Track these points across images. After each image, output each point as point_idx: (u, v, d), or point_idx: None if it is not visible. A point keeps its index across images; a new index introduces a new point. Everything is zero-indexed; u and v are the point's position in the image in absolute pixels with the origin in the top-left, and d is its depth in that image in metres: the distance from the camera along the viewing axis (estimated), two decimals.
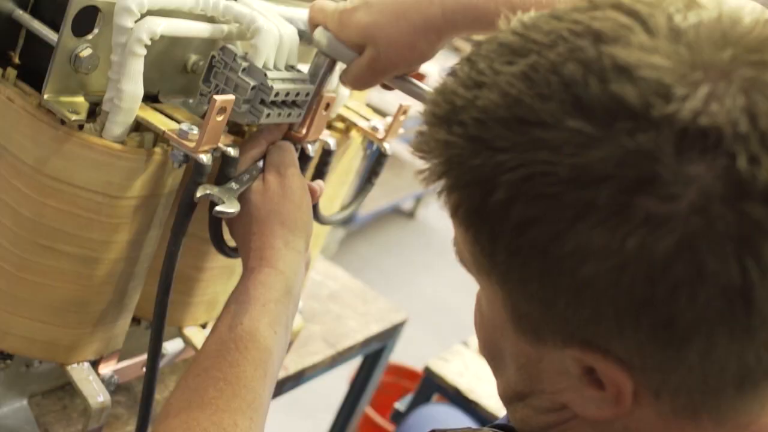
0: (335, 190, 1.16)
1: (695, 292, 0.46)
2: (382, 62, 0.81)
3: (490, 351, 0.62)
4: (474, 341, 1.55)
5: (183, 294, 0.98)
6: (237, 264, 0.99)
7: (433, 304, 3.79)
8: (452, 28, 0.78)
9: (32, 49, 0.80)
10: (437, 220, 4.79)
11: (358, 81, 0.86)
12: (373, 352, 1.55)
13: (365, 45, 0.83)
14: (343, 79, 0.88)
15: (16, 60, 0.81)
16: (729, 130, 0.44)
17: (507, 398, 0.63)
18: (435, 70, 3.24)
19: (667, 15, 0.49)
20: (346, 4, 0.84)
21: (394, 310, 1.56)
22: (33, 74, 0.78)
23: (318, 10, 0.87)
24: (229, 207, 0.80)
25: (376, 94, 1.23)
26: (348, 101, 1.11)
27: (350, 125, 1.10)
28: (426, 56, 0.81)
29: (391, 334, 1.54)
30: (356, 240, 4.12)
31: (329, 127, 1.08)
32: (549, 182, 0.47)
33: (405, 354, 2.51)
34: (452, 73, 0.54)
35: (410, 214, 4.80)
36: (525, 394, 0.60)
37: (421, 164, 0.56)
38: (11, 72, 0.79)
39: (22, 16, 0.78)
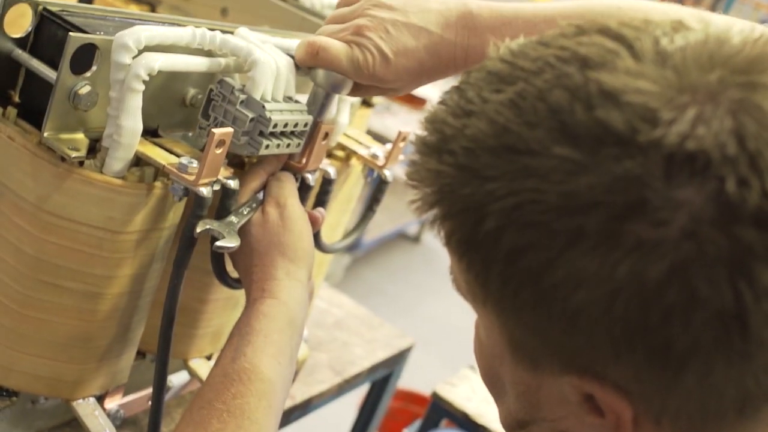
0: (337, 218, 1.16)
1: (689, 317, 0.46)
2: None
3: (490, 379, 0.62)
4: None
5: (187, 326, 0.98)
6: (241, 295, 0.99)
7: (440, 328, 3.77)
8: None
9: (32, 87, 0.81)
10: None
11: (353, 95, 0.90)
12: (381, 379, 1.54)
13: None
14: (355, 95, 0.90)
15: (16, 99, 0.82)
16: (717, 153, 0.44)
17: (509, 426, 0.63)
18: (436, 94, 3.26)
19: (653, 38, 0.49)
20: (362, 56, 0.83)
21: (400, 336, 1.56)
22: (33, 112, 0.79)
23: (324, 56, 0.84)
24: (229, 241, 0.80)
25: (377, 120, 1.24)
26: (348, 129, 1.11)
27: (350, 153, 1.11)
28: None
29: (397, 360, 1.53)
30: (362, 266, 4.12)
31: (329, 155, 1.08)
32: (538, 210, 0.47)
33: (413, 379, 2.50)
34: (442, 101, 0.55)
35: (415, 239, 4.79)
36: (526, 422, 0.60)
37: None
38: (11, 111, 0.80)
39: (21, 55, 0.79)
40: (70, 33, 0.74)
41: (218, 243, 0.80)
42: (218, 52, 0.84)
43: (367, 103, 1.28)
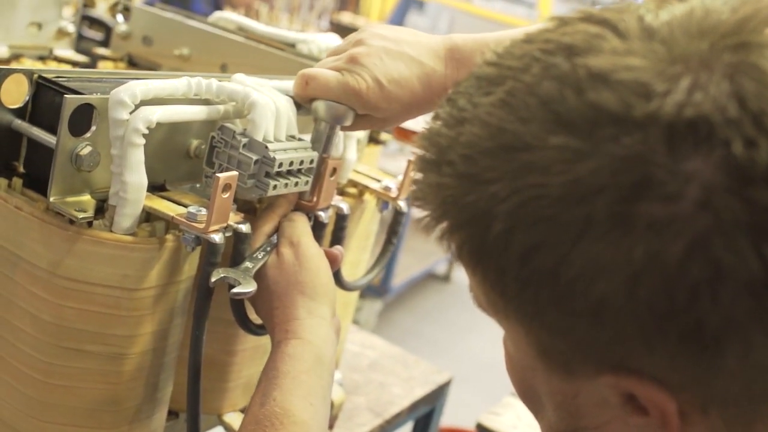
0: (357, 255, 1.15)
1: (717, 293, 0.44)
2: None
3: (526, 393, 0.60)
4: None
5: (217, 380, 0.97)
6: (268, 343, 0.97)
7: (480, 364, 3.72)
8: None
9: (35, 156, 0.81)
10: None
11: (356, 130, 0.89)
12: (423, 416, 1.51)
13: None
14: (344, 130, 0.89)
15: (21, 169, 0.82)
16: (718, 117, 0.43)
17: None
18: None
19: (637, 17, 0.48)
20: (357, 83, 0.83)
21: (437, 372, 1.53)
22: (39, 181, 0.79)
23: (321, 88, 0.85)
24: (245, 287, 0.79)
25: (391, 162, 1.24)
26: (358, 166, 1.11)
27: (362, 189, 1.10)
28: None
29: (438, 396, 1.50)
30: (394, 310, 4.09)
31: (342, 193, 1.07)
32: (543, 205, 0.46)
33: (457, 416, 2.45)
34: (435, 115, 0.54)
35: (445, 278, 4.76)
36: None
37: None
38: (17, 181, 0.80)
39: (21, 125, 0.79)
40: (65, 95, 0.74)
41: (235, 289, 0.79)
42: (216, 99, 0.84)
43: (375, 140, 1.28)
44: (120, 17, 1.45)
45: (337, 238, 0.97)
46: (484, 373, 3.60)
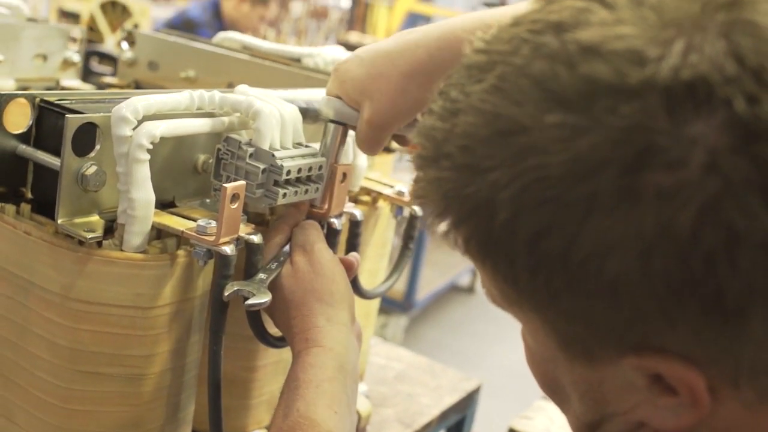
0: (375, 264, 1.13)
1: (734, 258, 0.42)
2: (378, 115, 0.80)
3: (549, 386, 0.58)
4: None
5: (240, 398, 0.95)
6: (290, 357, 0.95)
7: (511, 373, 3.68)
8: (441, 67, 0.77)
9: (42, 180, 0.80)
10: None
11: (365, 143, 0.85)
12: (454, 425, 1.49)
13: (362, 101, 0.83)
14: (358, 146, 0.87)
15: (29, 195, 0.81)
16: (716, 77, 0.42)
17: None
18: None
19: None
20: (340, 61, 0.84)
21: (466, 379, 1.51)
22: (47, 206, 0.78)
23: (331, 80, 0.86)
24: (260, 298, 0.78)
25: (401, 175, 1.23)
26: (369, 173, 1.09)
27: (376, 196, 1.08)
28: (421, 101, 0.80)
29: (468, 404, 1.48)
30: (420, 325, 4.07)
31: (355, 201, 1.06)
32: (546, 186, 0.45)
33: (491, 426, 2.42)
34: (429, 111, 0.53)
35: (469, 289, 4.73)
36: (597, 423, 0.55)
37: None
38: (25, 207, 0.79)
39: (26, 150, 0.79)
40: (67, 115, 0.73)
41: (249, 301, 0.77)
42: (220, 111, 0.83)
43: (387, 149, 1.26)
44: (125, 44, 1.46)
45: (352, 245, 0.96)
46: (515, 381, 3.56)
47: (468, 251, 0.52)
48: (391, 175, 1.26)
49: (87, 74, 1.49)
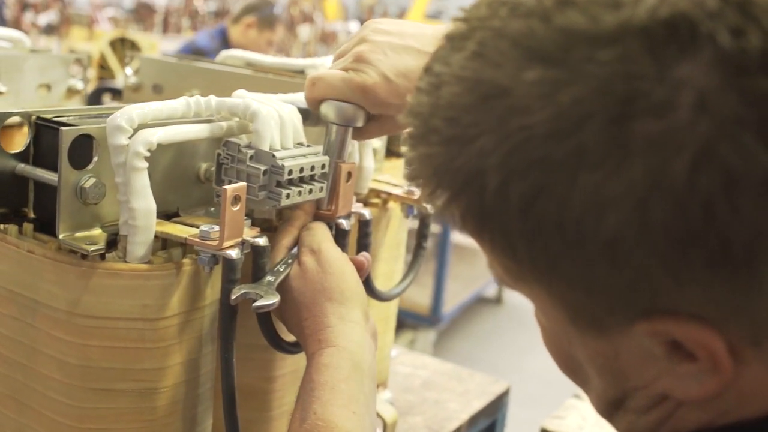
0: (390, 266, 1.11)
1: (734, 202, 0.40)
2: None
3: (568, 366, 0.56)
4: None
5: (259, 410, 0.93)
6: None
7: (543, 381, 3.63)
8: None
9: (43, 198, 0.79)
10: (526, 299, 4.67)
11: (370, 137, 0.84)
12: (485, 429, 1.46)
13: (385, 115, 0.83)
14: (356, 137, 0.86)
15: (32, 214, 0.80)
16: (698, 12, 0.40)
17: (605, 411, 0.56)
18: None
19: None
20: (363, 79, 0.81)
21: (494, 382, 1.48)
22: (50, 224, 0.77)
23: (327, 86, 0.83)
24: (268, 299, 0.76)
25: None
26: (378, 175, 1.08)
27: (386, 197, 1.07)
28: None
29: (497, 407, 1.45)
30: (449, 338, 4.03)
31: (366, 204, 1.04)
32: (532, 147, 0.44)
33: None
34: (416, 89, 0.52)
35: (497, 300, 4.69)
36: (619, 400, 0.53)
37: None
38: (27, 226, 0.78)
39: (25, 168, 0.78)
40: (62, 128, 0.72)
41: (257, 303, 0.76)
42: (217, 116, 0.82)
43: (396, 154, 1.25)
44: (129, 70, 1.46)
45: (363, 245, 0.94)
46: (548, 389, 3.51)
47: (465, 227, 0.50)
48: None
49: None
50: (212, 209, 0.86)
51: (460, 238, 4.19)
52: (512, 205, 0.45)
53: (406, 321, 3.85)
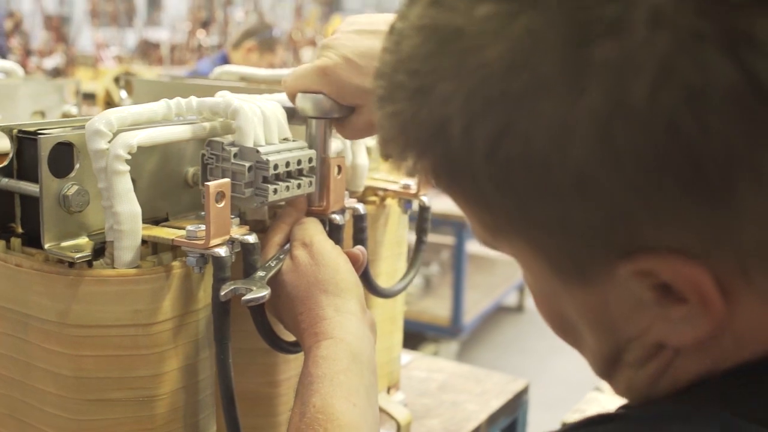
0: (392, 264, 1.10)
1: (701, 119, 0.38)
2: None
3: (560, 326, 0.54)
4: (605, 384, 1.41)
5: (266, 415, 0.91)
6: None
7: (569, 386, 3.59)
8: None
9: (29, 211, 0.78)
10: None
11: (357, 135, 0.84)
12: (506, 429, 1.43)
13: (362, 104, 0.82)
14: (343, 134, 0.85)
15: (20, 229, 0.79)
16: None
17: (603, 371, 0.54)
18: None
19: None
20: (323, 61, 0.82)
21: (512, 381, 1.45)
22: (38, 238, 0.76)
23: (295, 78, 0.84)
24: (258, 292, 0.74)
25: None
26: (375, 173, 1.07)
27: (383, 194, 1.05)
28: None
29: (517, 405, 1.42)
30: (471, 349, 3.99)
31: (364, 202, 1.03)
32: (491, 85, 0.42)
33: None
34: (381, 50, 0.51)
35: (518, 308, 4.65)
36: (614, 355, 0.51)
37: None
38: (15, 241, 0.77)
39: (9, 183, 0.77)
40: (39, 136, 0.71)
41: (246, 296, 0.74)
42: (199, 117, 0.81)
43: None
44: (123, 93, 1.46)
45: (359, 240, 0.92)
46: (574, 394, 3.47)
47: (439, 183, 0.49)
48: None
49: None
50: (203, 213, 0.85)
51: (476, 248, 4.16)
52: (478, 150, 0.44)
53: (428, 334, 3.82)
